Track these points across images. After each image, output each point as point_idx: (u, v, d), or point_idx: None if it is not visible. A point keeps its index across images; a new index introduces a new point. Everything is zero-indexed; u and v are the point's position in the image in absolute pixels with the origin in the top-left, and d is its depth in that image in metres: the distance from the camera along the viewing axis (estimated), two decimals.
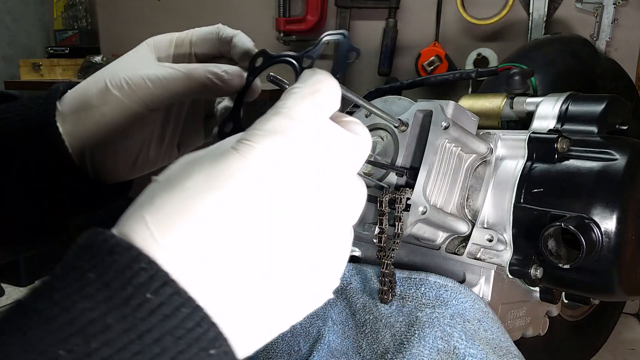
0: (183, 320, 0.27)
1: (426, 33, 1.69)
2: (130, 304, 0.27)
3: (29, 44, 2.55)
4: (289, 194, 0.31)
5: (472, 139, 0.62)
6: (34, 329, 0.26)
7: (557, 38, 1.17)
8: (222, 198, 0.30)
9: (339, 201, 0.34)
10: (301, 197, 0.32)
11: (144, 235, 0.28)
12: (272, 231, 0.31)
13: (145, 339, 0.26)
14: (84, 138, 0.52)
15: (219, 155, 0.31)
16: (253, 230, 0.30)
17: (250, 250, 0.30)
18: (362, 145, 0.35)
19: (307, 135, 0.32)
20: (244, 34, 0.55)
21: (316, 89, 0.34)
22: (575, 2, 1.46)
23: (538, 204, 0.61)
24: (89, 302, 0.26)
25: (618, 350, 1.16)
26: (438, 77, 0.66)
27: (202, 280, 0.29)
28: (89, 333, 0.26)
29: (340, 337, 0.59)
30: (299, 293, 0.33)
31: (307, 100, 0.33)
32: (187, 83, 0.51)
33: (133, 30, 2.29)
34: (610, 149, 0.60)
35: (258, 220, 0.30)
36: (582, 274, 0.59)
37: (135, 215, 0.29)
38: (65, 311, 0.26)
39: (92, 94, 0.52)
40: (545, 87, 0.84)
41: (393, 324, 0.55)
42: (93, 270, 0.27)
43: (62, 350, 0.25)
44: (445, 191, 0.61)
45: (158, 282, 0.27)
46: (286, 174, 0.31)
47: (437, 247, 0.63)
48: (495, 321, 0.55)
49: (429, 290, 0.56)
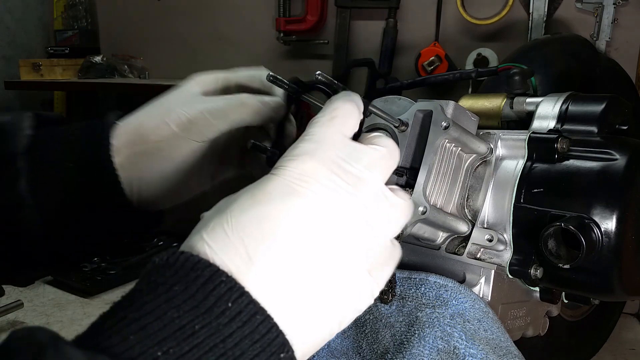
0: (258, 327, 0.31)
1: (426, 33, 1.69)
2: (213, 311, 0.31)
3: (29, 44, 2.55)
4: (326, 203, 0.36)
5: (472, 139, 0.62)
6: (134, 334, 0.29)
7: (557, 38, 1.17)
8: (269, 214, 0.35)
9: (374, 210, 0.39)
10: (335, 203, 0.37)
11: (214, 253, 0.33)
12: (321, 240, 0.36)
13: (227, 343, 0.30)
14: (135, 170, 0.56)
15: (257, 182, 0.37)
16: (307, 241, 0.35)
17: (305, 260, 0.35)
18: (384, 155, 0.41)
19: (330, 154, 0.38)
20: None
21: (333, 115, 0.40)
22: (575, 2, 1.46)
23: (538, 204, 0.61)
24: (177, 311, 0.31)
25: (618, 350, 1.16)
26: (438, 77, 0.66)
27: (269, 291, 0.33)
28: (180, 337, 0.30)
29: (340, 337, 0.59)
30: (348, 299, 0.37)
31: (326, 126, 0.40)
32: (241, 110, 0.57)
33: (133, 30, 2.29)
34: (610, 149, 0.60)
35: (308, 230, 0.35)
36: (582, 274, 0.59)
37: (197, 237, 0.35)
38: (158, 319, 0.30)
39: (148, 129, 0.56)
40: (545, 87, 0.84)
41: (393, 324, 0.55)
42: (178, 284, 0.32)
43: (160, 352, 0.29)
44: (445, 191, 0.61)
45: (236, 293, 0.32)
46: (319, 186, 0.37)
47: (437, 247, 0.63)
48: (495, 321, 0.55)
49: (429, 290, 0.56)
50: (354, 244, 0.37)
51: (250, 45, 2.03)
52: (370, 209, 0.39)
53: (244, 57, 2.05)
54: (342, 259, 0.37)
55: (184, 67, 2.20)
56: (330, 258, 0.36)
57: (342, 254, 0.37)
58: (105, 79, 2.14)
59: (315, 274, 0.35)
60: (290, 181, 0.36)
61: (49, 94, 2.61)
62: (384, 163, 0.41)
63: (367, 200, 0.39)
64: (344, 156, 0.38)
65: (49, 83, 2.25)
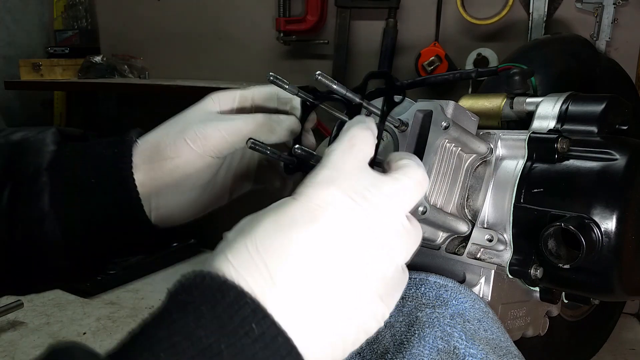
0: (279, 349, 0.33)
1: (426, 33, 1.69)
2: (238, 332, 0.32)
3: (29, 44, 2.55)
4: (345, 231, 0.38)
5: (472, 139, 0.62)
6: (164, 351, 0.31)
7: (557, 38, 1.17)
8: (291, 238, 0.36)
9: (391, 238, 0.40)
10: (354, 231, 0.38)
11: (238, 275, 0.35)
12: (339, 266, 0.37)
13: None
14: (154, 187, 0.57)
15: (279, 205, 0.39)
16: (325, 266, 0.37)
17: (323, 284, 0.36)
18: (407, 187, 0.42)
19: (350, 182, 0.40)
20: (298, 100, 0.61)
21: (352, 143, 0.42)
22: (575, 2, 1.46)
23: (538, 204, 0.61)
24: (204, 330, 0.32)
25: (618, 350, 1.16)
26: (438, 77, 0.65)
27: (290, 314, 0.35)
28: (207, 355, 0.31)
29: None
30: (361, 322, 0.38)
31: (346, 155, 0.41)
32: (256, 129, 0.58)
33: (133, 30, 2.29)
34: (610, 149, 0.60)
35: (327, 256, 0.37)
36: (582, 274, 0.59)
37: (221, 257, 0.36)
38: (187, 338, 0.32)
39: (165, 146, 0.57)
40: (545, 87, 0.84)
41: (393, 324, 0.55)
42: (205, 305, 0.33)
43: None
44: (445, 191, 0.61)
45: (259, 314, 0.33)
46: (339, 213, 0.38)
47: (437, 247, 0.63)
48: (495, 321, 0.55)
49: (429, 290, 0.56)
50: (369, 270, 0.39)
51: (250, 45, 2.03)
52: (387, 237, 0.40)
53: (244, 57, 2.05)
54: (358, 285, 0.38)
55: (184, 67, 2.20)
56: (346, 283, 0.37)
57: (358, 280, 0.38)
58: (105, 79, 2.14)
59: (332, 299, 0.37)
60: (312, 208, 0.38)
61: (49, 94, 2.61)
62: (407, 194, 0.42)
63: (386, 229, 0.40)
64: (365, 184, 0.40)
65: (49, 83, 2.25)
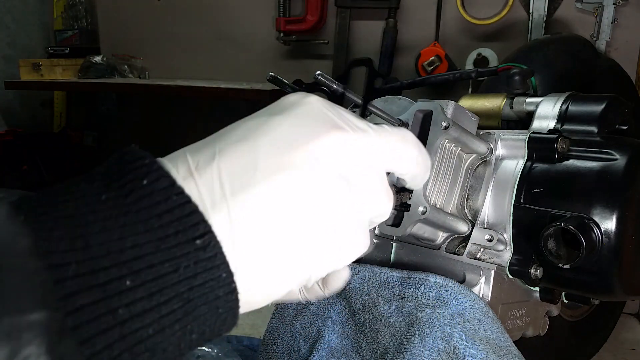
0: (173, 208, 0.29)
1: (426, 33, 1.69)
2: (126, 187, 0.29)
3: (29, 44, 2.55)
4: None
5: (472, 139, 0.62)
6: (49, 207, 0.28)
7: (557, 38, 1.17)
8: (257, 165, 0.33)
9: (362, 194, 0.36)
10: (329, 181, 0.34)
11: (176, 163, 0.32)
12: (302, 194, 0.33)
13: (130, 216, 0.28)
14: None
15: None
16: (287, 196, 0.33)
17: (279, 214, 0.32)
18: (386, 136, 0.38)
19: None
20: None
21: (394, 148, 0.39)
22: (575, 2, 1.46)
23: (538, 204, 0.61)
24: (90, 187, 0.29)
25: (618, 350, 1.16)
26: (438, 77, 0.65)
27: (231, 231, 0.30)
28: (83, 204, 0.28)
29: (340, 337, 0.59)
30: (316, 255, 0.34)
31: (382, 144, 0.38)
32: None
33: (133, 30, 2.29)
34: (610, 149, 0.60)
35: (291, 182, 0.33)
36: (582, 274, 0.59)
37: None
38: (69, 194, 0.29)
39: None
40: (545, 87, 0.84)
41: (393, 324, 0.55)
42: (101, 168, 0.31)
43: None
44: (445, 191, 0.61)
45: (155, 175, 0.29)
46: None
47: (437, 247, 0.63)
48: (495, 321, 0.55)
49: (429, 290, 0.56)
50: (330, 211, 0.35)
51: (250, 45, 2.03)
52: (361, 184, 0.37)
53: (244, 57, 2.05)
54: (315, 226, 0.34)
55: (184, 67, 2.21)
56: (305, 222, 0.33)
57: (317, 222, 0.34)
58: (105, 79, 2.14)
59: (284, 231, 0.33)
60: None
61: (49, 94, 2.61)
62: (389, 146, 0.39)
63: (362, 177, 0.37)
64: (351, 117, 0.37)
65: (49, 83, 2.25)
